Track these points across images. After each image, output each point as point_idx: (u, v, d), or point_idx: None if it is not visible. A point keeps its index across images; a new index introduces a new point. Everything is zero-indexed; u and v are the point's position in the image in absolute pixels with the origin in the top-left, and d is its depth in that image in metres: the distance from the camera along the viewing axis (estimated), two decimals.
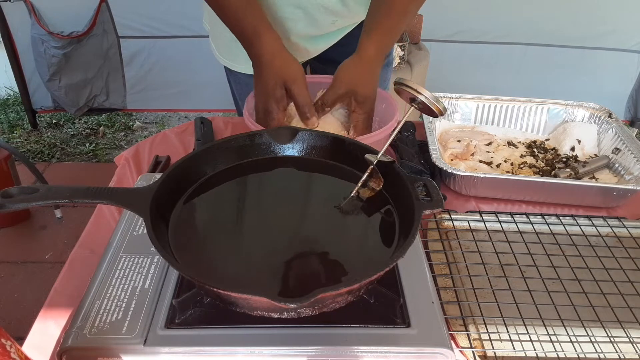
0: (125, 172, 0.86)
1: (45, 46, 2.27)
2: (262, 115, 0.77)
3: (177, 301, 0.53)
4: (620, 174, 0.86)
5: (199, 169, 0.63)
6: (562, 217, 0.75)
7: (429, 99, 0.60)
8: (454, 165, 0.86)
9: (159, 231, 0.52)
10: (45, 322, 0.58)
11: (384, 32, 0.80)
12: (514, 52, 2.41)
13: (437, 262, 0.66)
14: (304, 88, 0.75)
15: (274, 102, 0.75)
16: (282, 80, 0.75)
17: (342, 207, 0.60)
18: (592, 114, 0.97)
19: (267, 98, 0.76)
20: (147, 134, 2.61)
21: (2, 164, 1.79)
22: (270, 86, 0.75)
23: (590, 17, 2.29)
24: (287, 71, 0.75)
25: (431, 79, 2.21)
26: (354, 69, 0.78)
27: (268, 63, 0.75)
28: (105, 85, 2.45)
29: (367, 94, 0.78)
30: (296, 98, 0.75)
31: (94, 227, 0.73)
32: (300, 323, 0.52)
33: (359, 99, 0.78)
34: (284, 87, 0.75)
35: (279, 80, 0.75)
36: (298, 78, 0.75)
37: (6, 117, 2.67)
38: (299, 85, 0.75)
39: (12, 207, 0.49)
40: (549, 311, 0.60)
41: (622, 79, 2.46)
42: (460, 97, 1.00)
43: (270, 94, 0.75)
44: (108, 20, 2.30)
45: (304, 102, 0.75)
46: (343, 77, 0.78)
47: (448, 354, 0.50)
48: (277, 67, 0.75)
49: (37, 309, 0.59)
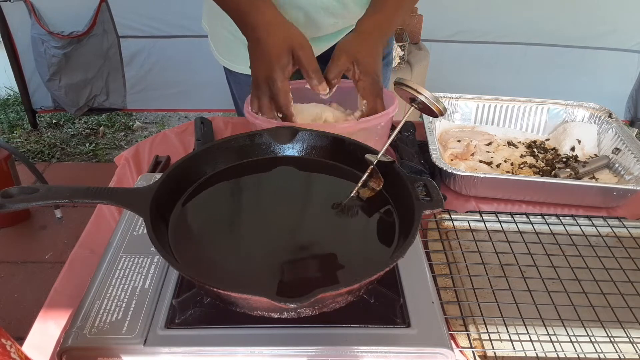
0: (125, 172, 0.86)
1: (46, 46, 2.28)
2: (265, 87, 0.73)
3: (177, 301, 0.53)
4: (620, 174, 0.86)
5: (199, 169, 0.63)
6: (562, 217, 0.75)
7: (429, 99, 0.60)
8: (454, 165, 0.86)
9: (159, 231, 0.52)
10: (45, 322, 0.58)
11: (382, 16, 0.79)
12: (514, 52, 2.42)
13: (437, 262, 0.66)
14: (312, 54, 0.73)
15: (280, 69, 0.71)
16: (288, 46, 0.71)
17: (342, 207, 0.60)
18: (592, 114, 0.97)
19: (271, 66, 0.71)
20: (147, 134, 2.61)
21: (2, 164, 1.79)
22: (275, 53, 0.71)
23: (590, 17, 2.29)
24: (294, 37, 0.72)
25: (431, 79, 2.21)
26: (353, 41, 0.77)
27: (270, 30, 0.72)
28: (105, 85, 2.45)
29: (368, 61, 0.76)
30: (305, 65, 0.72)
31: (94, 227, 0.73)
32: (300, 323, 0.52)
33: (362, 67, 0.75)
34: (290, 54, 0.72)
35: (284, 46, 0.71)
36: (305, 44, 0.72)
37: (6, 117, 2.67)
38: (307, 50, 0.72)
39: (12, 207, 0.49)
40: (549, 311, 0.60)
41: (622, 79, 2.46)
42: (460, 97, 1.00)
43: (274, 61, 0.71)
44: (108, 20, 2.30)
45: (313, 69, 0.73)
46: (342, 48, 0.76)
47: (448, 354, 0.50)
48: (281, 34, 0.72)
49: (37, 309, 0.59)
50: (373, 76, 0.76)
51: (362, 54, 0.76)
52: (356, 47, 0.76)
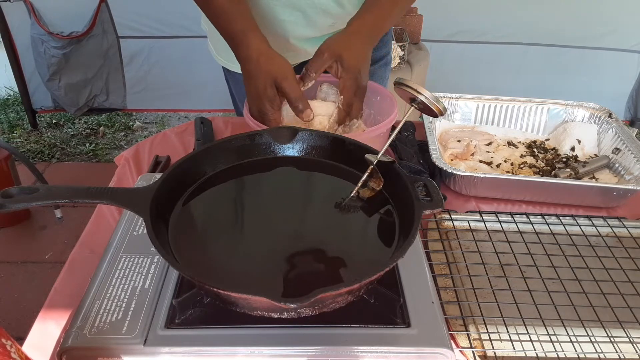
0: (125, 172, 0.86)
1: (45, 46, 2.27)
2: (259, 118, 0.77)
3: (177, 301, 0.53)
4: (620, 174, 0.86)
5: (199, 169, 0.63)
6: (562, 217, 0.75)
7: (429, 99, 0.60)
8: (454, 165, 0.86)
9: (159, 231, 0.52)
10: (45, 322, 0.58)
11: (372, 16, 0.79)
12: (514, 53, 2.41)
13: (437, 262, 0.66)
14: (294, 83, 0.74)
15: (268, 102, 0.74)
16: (271, 79, 0.74)
17: (342, 207, 0.60)
18: (592, 114, 0.97)
19: (260, 100, 0.75)
20: (147, 134, 2.61)
21: (2, 164, 1.79)
22: (261, 87, 0.74)
23: (590, 17, 2.29)
24: (275, 69, 0.74)
25: (431, 79, 2.21)
26: (338, 38, 0.77)
27: (255, 63, 0.74)
28: (105, 85, 2.44)
29: (352, 60, 0.76)
30: (288, 95, 0.74)
31: (94, 227, 0.73)
32: (300, 323, 0.52)
33: (344, 64, 0.76)
34: (274, 86, 0.74)
35: (268, 79, 0.73)
36: (287, 74, 0.74)
37: (6, 117, 2.67)
38: (289, 81, 0.74)
39: (12, 207, 0.49)
40: (549, 311, 0.60)
41: (622, 79, 2.46)
42: (460, 97, 1.00)
43: (262, 95, 0.74)
44: (108, 20, 2.29)
45: (296, 97, 0.74)
46: (327, 45, 0.77)
47: (448, 354, 0.50)
48: (264, 66, 0.74)
49: (37, 309, 0.59)
50: (355, 74, 0.77)
51: (347, 52, 0.76)
52: (341, 45, 0.77)
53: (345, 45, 0.77)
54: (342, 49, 0.76)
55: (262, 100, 0.75)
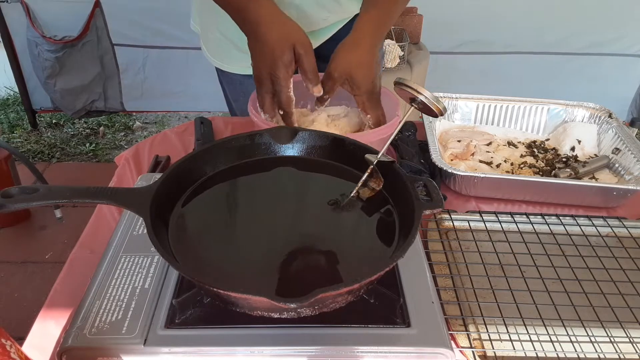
0: (125, 172, 0.86)
1: (39, 49, 2.25)
2: (267, 84, 0.72)
3: (177, 301, 0.53)
4: (620, 174, 0.86)
5: (199, 169, 0.63)
6: (562, 217, 0.75)
7: (429, 99, 0.60)
8: (454, 165, 0.86)
9: (159, 231, 0.52)
10: (45, 322, 0.58)
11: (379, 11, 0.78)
12: (517, 61, 2.40)
13: (437, 262, 0.66)
14: (312, 53, 0.72)
15: (283, 66, 0.70)
16: (290, 43, 0.69)
17: (342, 207, 0.60)
18: (592, 114, 0.97)
19: (275, 63, 0.70)
20: (147, 134, 2.61)
21: (2, 164, 1.79)
22: (278, 49, 0.69)
23: (594, 25, 2.28)
24: (295, 34, 0.71)
25: (431, 79, 2.20)
26: (347, 51, 0.76)
27: (271, 26, 0.70)
28: (103, 91, 2.43)
29: (362, 77, 0.75)
30: (305, 65, 0.71)
31: (94, 227, 0.73)
32: (300, 323, 0.52)
33: (356, 82, 0.75)
34: (292, 51, 0.70)
35: (287, 43, 0.69)
36: (306, 42, 0.71)
37: (6, 117, 2.67)
38: (308, 50, 0.71)
39: (12, 207, 0.49)
40: (549, 311, 0.60)
41: (626, 85, 2.45)
42: (460, 97, 1.00)
43: (277, 58, 0.69)
44: (102, 27, 2.27)
45: (313, 69, 0.72)
46: (335, 64, 0.76)
47: (448, 354, 0.50)
48: (283, 30, 0.70)
49: (37, 309, 0.59)
50: (369, 88, 0.76)
51: (356, 70, 0.75)
52: (350, 60, 0.75)
53: (353, 61, 0.75)
54: (351, 67, 0.75)
55: (277, 63, 0.69)
